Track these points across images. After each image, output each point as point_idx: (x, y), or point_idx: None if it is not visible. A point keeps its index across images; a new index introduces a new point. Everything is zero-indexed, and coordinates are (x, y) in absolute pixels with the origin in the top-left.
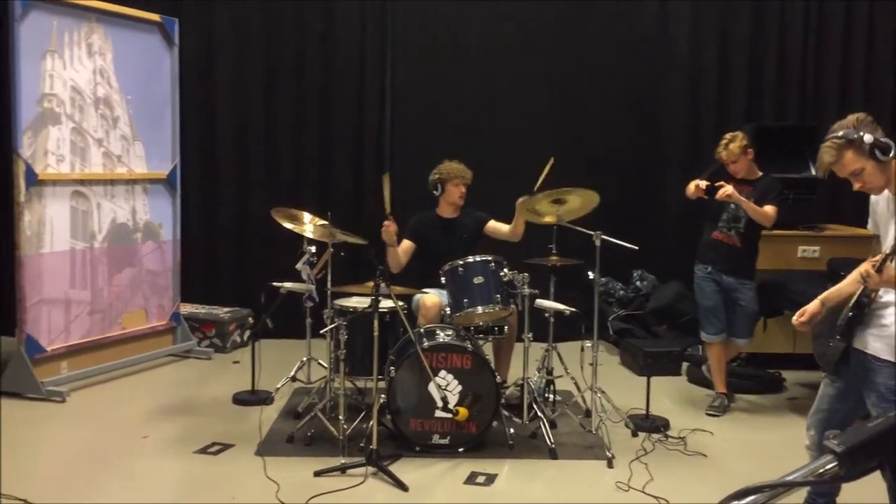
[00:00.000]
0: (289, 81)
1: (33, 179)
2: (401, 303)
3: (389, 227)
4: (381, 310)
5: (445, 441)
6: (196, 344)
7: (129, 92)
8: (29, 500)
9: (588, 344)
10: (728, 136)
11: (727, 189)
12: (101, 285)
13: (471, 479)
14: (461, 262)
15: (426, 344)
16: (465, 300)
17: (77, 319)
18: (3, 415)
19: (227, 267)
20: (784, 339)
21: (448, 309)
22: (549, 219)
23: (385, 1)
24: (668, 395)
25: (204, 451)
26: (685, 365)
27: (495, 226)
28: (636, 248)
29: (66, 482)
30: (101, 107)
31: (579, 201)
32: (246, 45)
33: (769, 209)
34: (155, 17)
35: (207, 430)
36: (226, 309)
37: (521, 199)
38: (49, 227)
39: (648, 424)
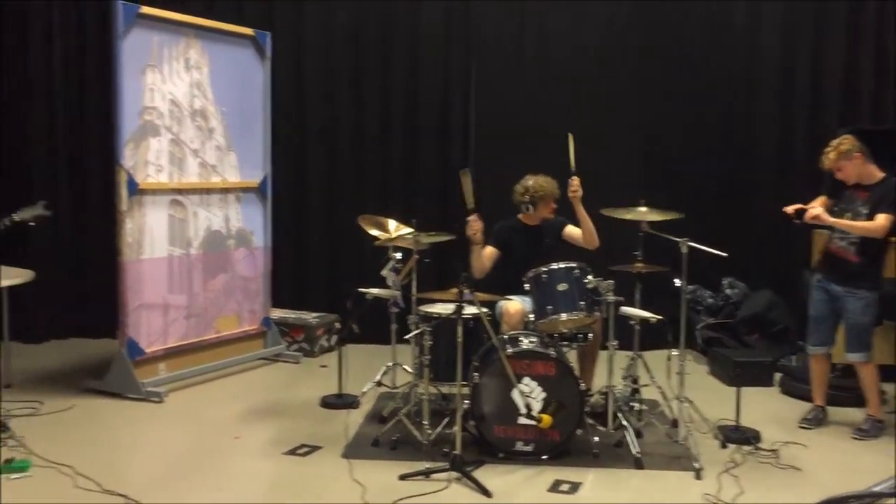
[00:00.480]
0: (375, 90)
1: (134, 189)
2: (485, 309)
3: (474, 223)
4: (464, 316)
5: (529, 448)
6: (286, 348)
7: (223, 104)
8: (129, 496)
9: (675, 353)
10: (832, 142)
11: (813, 211)
12: (197, 290)
13: (555, 487)
14: (545, 269)
15: (510, 350)
16: (549, 307)
17: (174, 323)
18: (106, 414)
19: (315, 273)
20: (887, 350)
21: (532, 316)
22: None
23: (469, 2)
24: (760, 407)
25: (293, 452)
26: (778, 376)
27: (571, 231)
28: (725, 255)
29: (164, 479)
30: (198, 118)
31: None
32: (333, 56)
33: (879, 220)
34: (248, 31)
35: (296, 432)
36: (314, 314)
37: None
38: (149, 234)
39: (738, 436)
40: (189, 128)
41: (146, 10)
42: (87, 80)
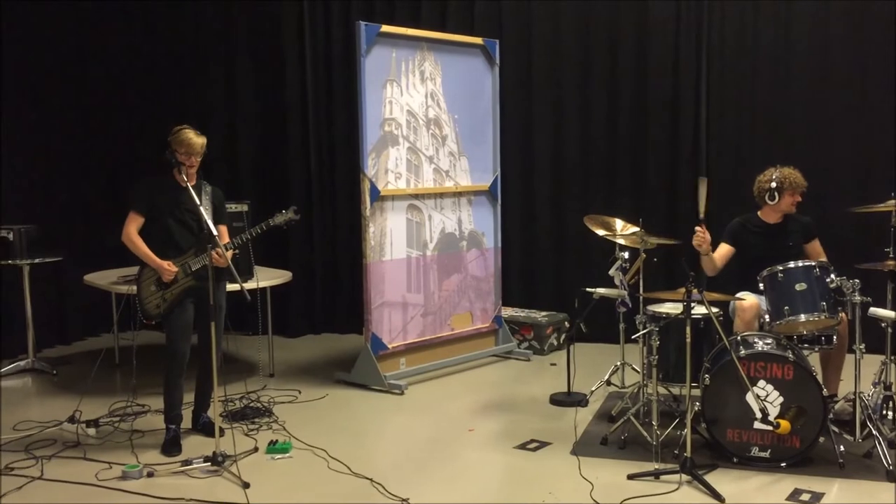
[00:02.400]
0: (602, 91)
1: (376, 195)
2: (716, 309)
3: (701, 234)
4: (694, 316)
5: (766, 454)
6: (516, 345)
7: (455, 111)
8: (374, 480)
9: None
10: None
11: None
12: (433, 290)
13: (794, 496)
14: (780, 268)
15: (743, 352)
16: (786, 308)
17: (412, 320)
18: (355, 403)
19: (543, 272)
20: None
21: (767, 317)
22: None
23: (702, 1)
24: None
25: (523, 446)
26: None
27: (813, 248)
28: None
29: (405, 466)
30: (432, 127)
31: None
32: (560, 59)
33: None
34: (478, 40)
35: (526, 427)
36: (543, 313)
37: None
38: (389, 237)
39: None
40: (424, 136)
41: (386, 28)
42: (333, 96)
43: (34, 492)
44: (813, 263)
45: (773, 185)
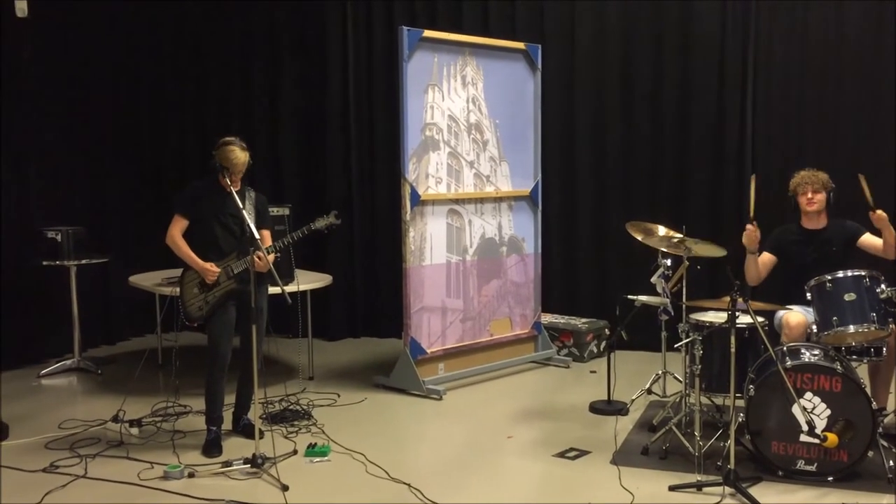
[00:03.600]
0: (644, 96)
1: (417, 200)
2: (761, 319)
3: (752, 232)
4: (739, 325)
5: (812, 468)
6: (556, 352)
7: (496, 116)
8: (412, 485)
9: None
10: None
11: None
12: (472, 295)
13: None
14: (829, 277)
15: (789, 363)
16: (835, 318)
17: (451, 326)
18: (393, 407)
19: (584, 279)
20: None
21: (815, 327)
22: None
23: (749, 2)
24: None
25: (562, 455)
26: None
27: (870, 240)
28: None
29: (443, 472)
30: (473, 132)
31: None
32: (603, 64)
33: None
34: (520, 45)
35: (565, 435)
36: (583, 320)
37: (877, 213)
38: (429, 242)
39: None
40: (465, 141)
41: (428, 33)
42: (374, 101)
43: (78, 490)
44: (863, 273)
45: (789, 193)
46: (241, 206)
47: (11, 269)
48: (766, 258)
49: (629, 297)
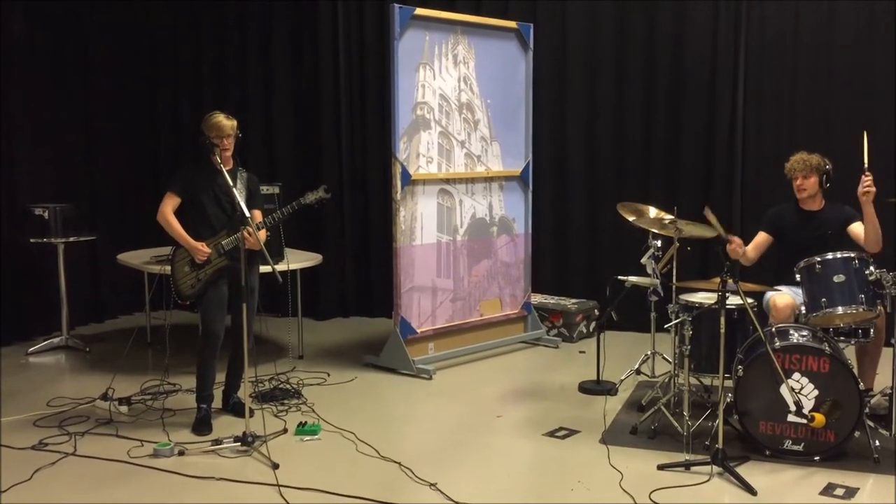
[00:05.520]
0: (637, 77)
1: (407, 179)
2: (750, 300)
3: (736, 247)
4: (728, 306)
5: (799, 447)
6: (545, 332)
7: (488, 96)
8: (403, 464)
9: None
10: None
11: None
12: (462, 275)
13: (828, 490)
14: (818, 259)
15: (778, 344)
16: (823, 300)
17: (441, 305)
18: (383, 387)
19: (574, 259)
20: None
21: (803, 308)
22: None
23: (740, 1)
24: None
25: (552, 434)
26: None
27: (857, 229)
28: None
29: (433, 451)
30: (464, 111)
31: None
32: (595, 46)
33: None
34: (512, 24)
35: (555, 415)
36: (573, 300)
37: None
38: (419, 221)
39: None
40: (456, 120)
41: (420, 11)
42: (366, 79)
43: (68, 467)
44: (852, 255)
45: (787, 176)
46: (231, 183)
47: None
48: (762, 238)
49: (619, 277)
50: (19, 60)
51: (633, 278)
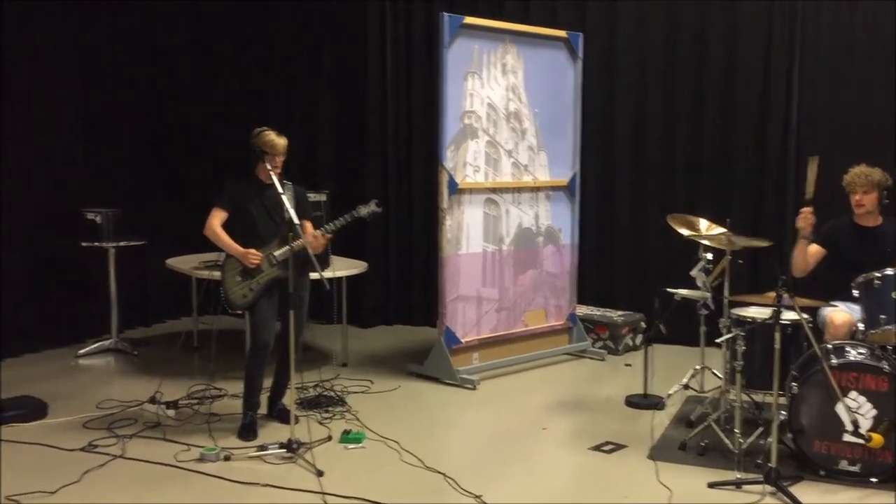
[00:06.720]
0: (687, 90)
1: (454, 188)
2: (805, 315)
3: (807, 214)
4: (783, 322)
5: (855, 468)
6: (590, 344)
7: (536, 105)
8: (447, 475)
9: None
10: None
11: None
12: (508, 285)
13: None
14: (877, 274)
15: (834, 361)
16: (882, 316)
17: (486, 315)
18: (427, 396)
19: (621, 271)
20: None
21: (861, 325)
22: None
23: (795, 1)
24: None
25: (598, 448)
26: None
27: None
28: None
29: (478, 462)
30: (512, 120)
31: None
32: (645, 56)
33: None
34: (562, 33)
35: (601, 429)
36: (619, 312)
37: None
38: (466, 230)
39: None
40: (504, 129)
41: (469, 20)
42: (413, 88)
43: (116, 470)
44: None
45: (845, 186)
46: (280, 190)
47: (51, 249)
48: (815, 250)
49: (668, 290)
50: (76, 65)
51: (683, 291)
